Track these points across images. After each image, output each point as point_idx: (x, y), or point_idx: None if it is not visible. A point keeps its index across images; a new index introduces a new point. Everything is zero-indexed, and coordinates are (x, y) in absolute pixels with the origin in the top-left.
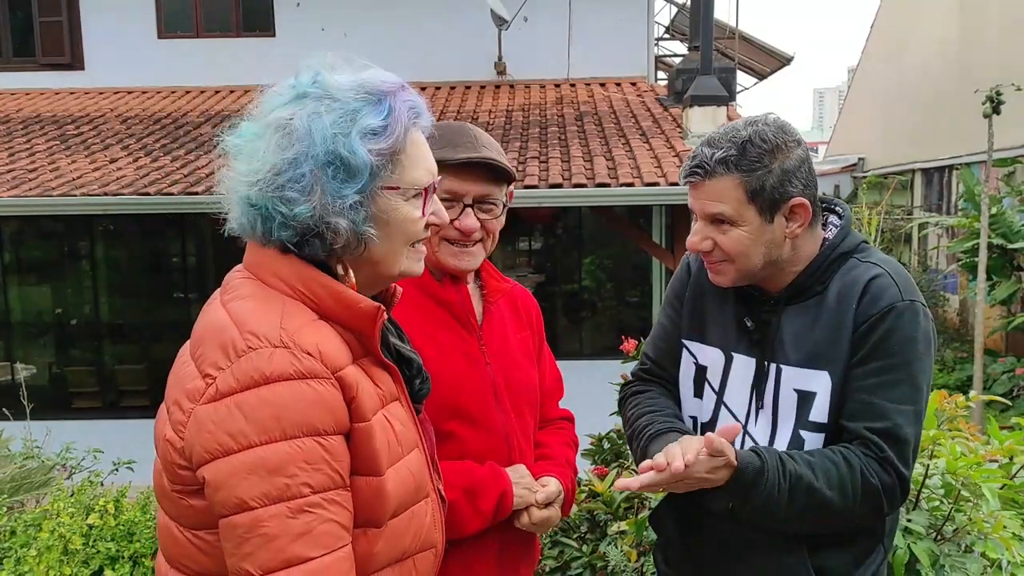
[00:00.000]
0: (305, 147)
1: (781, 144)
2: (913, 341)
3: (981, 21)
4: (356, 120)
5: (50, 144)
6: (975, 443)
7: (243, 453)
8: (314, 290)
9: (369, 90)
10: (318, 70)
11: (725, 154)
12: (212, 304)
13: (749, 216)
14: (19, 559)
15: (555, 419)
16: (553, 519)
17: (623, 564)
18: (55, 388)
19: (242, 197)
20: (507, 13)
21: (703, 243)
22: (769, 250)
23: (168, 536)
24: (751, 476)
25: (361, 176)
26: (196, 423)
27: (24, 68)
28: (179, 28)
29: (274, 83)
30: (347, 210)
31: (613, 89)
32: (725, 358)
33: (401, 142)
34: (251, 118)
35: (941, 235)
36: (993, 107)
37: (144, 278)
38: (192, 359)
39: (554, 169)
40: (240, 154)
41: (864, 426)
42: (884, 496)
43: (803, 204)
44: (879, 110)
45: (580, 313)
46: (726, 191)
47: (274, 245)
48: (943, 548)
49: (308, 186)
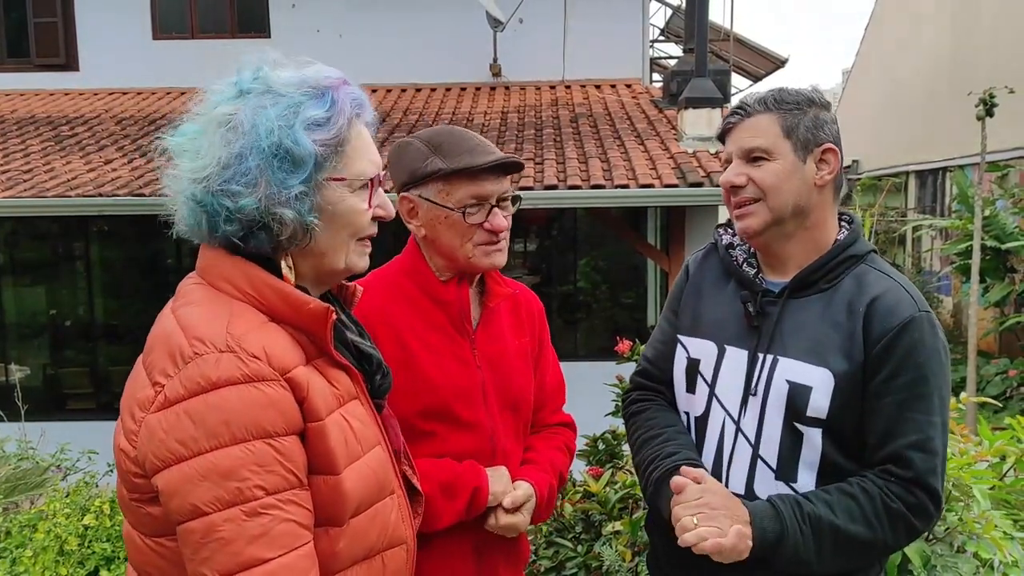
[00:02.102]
0: (250, 140)
1: (815, 98)
2: (936, 353)
3: (974, 24)
4: (299, 112)
5: (45, 145)
6: (966, 444)
7: (194, 460)
8: (262, 292)
9: (311, 84)
10: (259, 66)
11: (764, 96)
12: (164, 312)
13: (784, 150)
14: (15, 560)
15: (553, 424)
16: (519, 524)
17: (618, 564)
18: (49, 389)
19: (188, 196)
20: (502, 15)
21: (738, 177)
22: (799, 193)
23: (132, 544)
24: (771, 536)
25: (306, 166)
26: (147, 431)
27: (19, 69)
28: (174, 29)
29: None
30: (292, 200)
31: (608, 91)
32: (718, 350)
33: (345, 133)
34: (193, 117)
35: (935, 237)
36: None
37: (139, 279)
38: (143, 367)
39: (549, 171)
40: (184, 153)
41: (899, 442)
42: (914, 517)
43: (834, 150)
44: (873, 113)
45: (575, 314)
46: (764, 126)
47: (219, 242)
48: (935, 548)
49: (254, 179)
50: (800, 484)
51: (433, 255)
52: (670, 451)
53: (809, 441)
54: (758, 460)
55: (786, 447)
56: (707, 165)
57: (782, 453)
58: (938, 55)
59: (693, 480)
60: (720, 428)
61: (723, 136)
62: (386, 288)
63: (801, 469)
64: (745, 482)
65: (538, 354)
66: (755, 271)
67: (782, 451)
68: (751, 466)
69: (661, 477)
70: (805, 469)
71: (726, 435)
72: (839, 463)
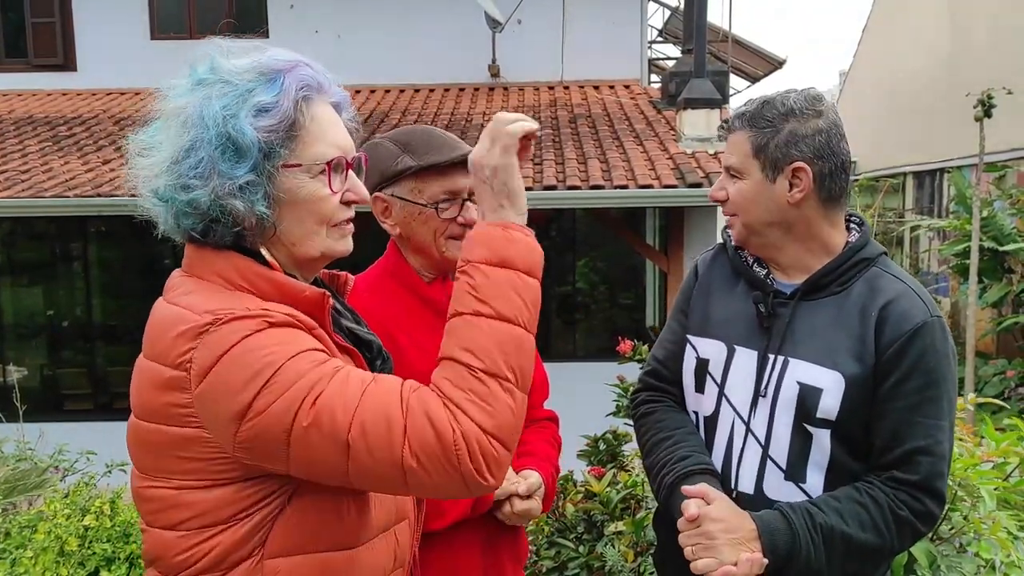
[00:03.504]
0: (199, 132)
1: (799, 110)
2: (946, 358)
3: (972, 25)
4: (247, 99)
5: (43, 145)
6: (971, 444)
7: (263, 391)
8: (255, 283)
9: (263, 70)
10: (213, 56)
11: (744, 111)
12: (158, 304)
13: (753, 170)
14: (15, 560)
15: (539, 419)
16: (535, 510)
17: (620, 564)
18: (47, 390)
19: (150, 192)
20: (501, 15)
21: (719, 192)
22: (769, 211)
23: (164, 548)
24: (783, 550)
25: (250, 155)
26: (202, 407)
27: (16, 69)
28: (172, 29)
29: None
30: (240, 191)
31: (606, 92)
32: (727, 350)
33: (291, 117)
34: (155, 114)
35: (932, 238)
36: (985, 110)
37: (137, 280)
38: (153, 360)
39: (548, 171)
40: (146, 150)
41: (907, 445)
42: (920, 523)
43: (803, 168)
44: (871, 114)
45: (574, 315)
46: (738, 144)
47: (183, 237)
48: (940, 548)
49: (205, 171)
50: (809, 485)
51: (409, 253)
52: (682, 455)
53: (818, 442)
54: (767, 460)
55: (795, 448)
56: (706, 166)
57: (791, 454)
58: (936, 56)
59: (698, 497)
60: (730, 428)
61: None
62: (372, 290)
63: (810, 470)
64: (754, 482)
65: None
66: (765, 272)
67: (791, 452)
68: (760, 466)
69: (673, 482)
70: (814, 470)
71: (735, 435)
72: (847, 464)
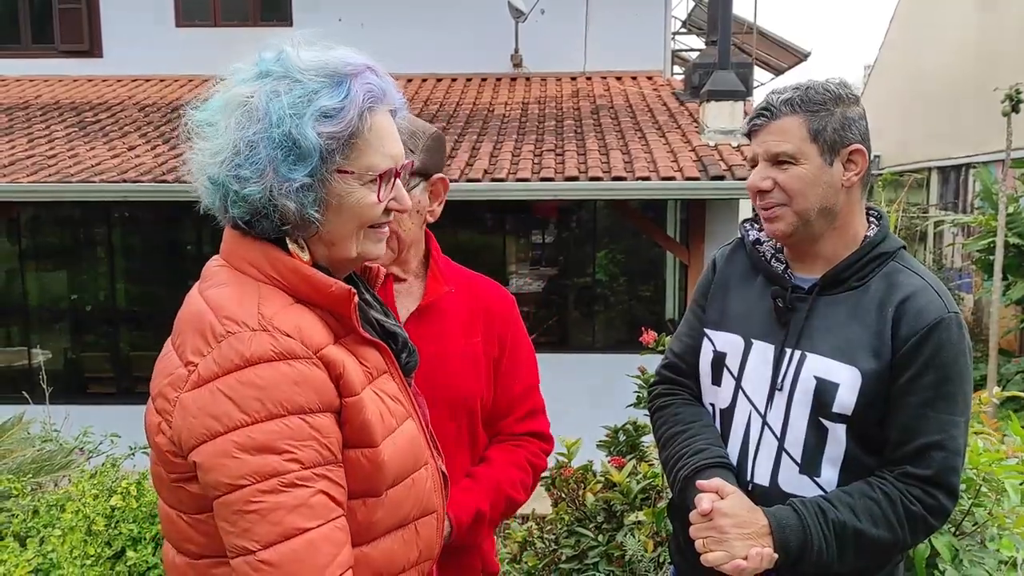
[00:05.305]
0: (263, 127)
1: (843, 95)
2: (963, 354)
3: (1000, 19)
4: (313, 101)
5: (69, 131)
6: (995, 438)
7: (230, 434)
8: (285, 275)
9: (330, 71)
10: (282, 48)
11: (791, 96)
12: (191, 294)
13: (811, 154)
14: (43, 539)
15: (520, 434)
16: None
17: (640, 554)
18: (70, 373)
19: (206, 176)
20: (524, 6)
21: (763, 182)
22: (825, 195)
23: (169, 523)
24: (795, 546)
25: (311, 159)
26: (182, 410)
27: (43, 55)
28: (197, 17)
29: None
30: (295, 193)
31: (629, 83)
32: (744, 344)
33: (355, 126)
34: (217, 93)
35: (956, 233)
36: (1012, 105)
37: (160, 265)
38: (173, 349)
39: (570, 162)
40: (204, 131)
41: (921, 440)
42: (932, 518)
43: (861, 151)
44: (896, 108)
45: (593, 307)
46: (791, 129)
47: (230, 223)
48: (963, 543)
49: (262, 167)
50: (824, 479)
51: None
52: (697, 447)
53: (834, 436)
54: (783, 454)
55: (811, 442)
56: (728, 158)
57: (807, 447)
58: (963, 50)
59: (713, 491)
60: (746, 421)
61: (749, 135)
62: None
63: (825, 464)
64: (770, 475)
65: (498, 356)
66: (783, 266)
67: (807, 445)
68: (776, 459)
69: (688, 476)
70: (829, 464)
71: (752, 428)
72: (862, 459)
